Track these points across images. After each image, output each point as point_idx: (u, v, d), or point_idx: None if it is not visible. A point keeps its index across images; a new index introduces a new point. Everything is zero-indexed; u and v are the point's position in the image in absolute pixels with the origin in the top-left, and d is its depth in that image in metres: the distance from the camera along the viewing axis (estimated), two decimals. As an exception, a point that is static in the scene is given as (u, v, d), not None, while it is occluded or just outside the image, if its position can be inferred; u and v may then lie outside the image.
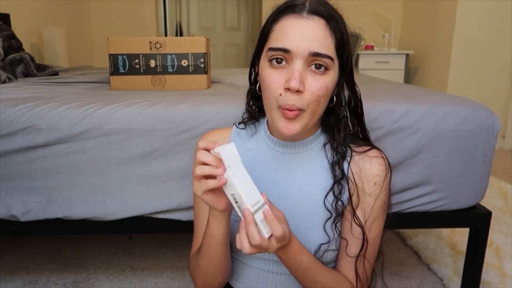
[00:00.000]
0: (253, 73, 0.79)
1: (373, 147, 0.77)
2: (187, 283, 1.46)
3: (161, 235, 1.80)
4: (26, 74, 1.79)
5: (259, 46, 0.72)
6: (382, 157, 0.75)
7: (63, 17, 3.52)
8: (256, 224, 0.59)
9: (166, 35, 4.55)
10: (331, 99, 0.72)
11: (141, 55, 1.39)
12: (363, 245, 0.73)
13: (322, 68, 0.65)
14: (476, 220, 1.20)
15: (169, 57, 1.39)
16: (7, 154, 1.07)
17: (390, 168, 0.76)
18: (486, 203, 1.27)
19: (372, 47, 3.95)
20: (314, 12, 0.64)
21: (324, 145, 0.77)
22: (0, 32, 1.91)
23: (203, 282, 0.77)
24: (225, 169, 0.59)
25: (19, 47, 2.01)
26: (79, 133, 1.07)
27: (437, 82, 3.65)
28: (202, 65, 1.42)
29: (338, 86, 0.71)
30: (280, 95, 0.65)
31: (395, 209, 1.17)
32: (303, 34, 0.63)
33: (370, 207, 0.74)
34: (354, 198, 0.74)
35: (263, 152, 0.79)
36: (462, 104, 1.16)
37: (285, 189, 0.76)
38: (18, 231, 1.20)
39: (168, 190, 1.11)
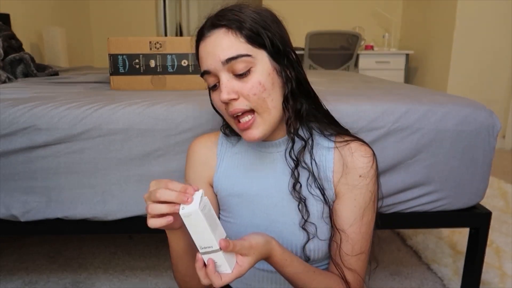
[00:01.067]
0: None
1: (356, 138, 0.76)
2: (187, 283, 1.46)
3: (161, 235, 1.80)
4: (26, 74, 1.79)
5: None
6: (365, 149, 0.74)
7: (63, 17, 3.52)
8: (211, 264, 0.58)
9: (166, 35, 4.55)
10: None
11: (141, 55, 1.39)
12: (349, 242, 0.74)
13: (243, 74, 0.66)
14: (476, 220, 1.20)
15: (169, 57, 1.39)
16: (7, 154, 1.07)
17: (375, 158, 0.75)
18: (486, 203, 1.27)
19: (372, 47, 3.95)
20: (212, 26, 0.67)
21: (285, 153, 0.76)
22: (0, 32, 1.91)
23: (183, 282, 0.77)
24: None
25: (19, 47, 2.02)
26: (79, 133, 1.07)
27: (437, 82, 3.65)
28: None
29: (282, 71, 0.69)
30: (225, 108, 0.69)
31: (395, 209, 1.17)
32: (210, 51, 0.66)
33: (359, 199, 0.73)
34: (341, 187, 0.74)
35: (249, 153, 0.80)
36: (462, 104, 1.16)
37: (272, 187, 0.77)
38: (18, 231, 1.20)
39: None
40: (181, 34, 4.84)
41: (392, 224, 1.28)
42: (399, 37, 4.28)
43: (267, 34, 0.66)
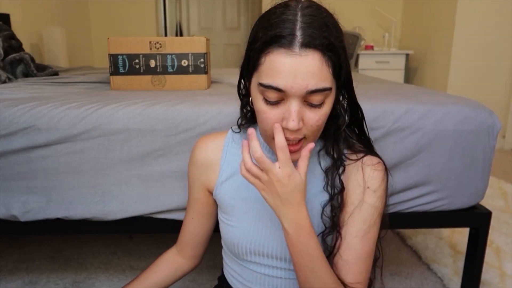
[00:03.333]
0: (242, 85, 0.77)
1: (369, 153, 0.74)
2: (187, 283, 1.46)
3: (161, 235, 1.80)
4: (26, 74, 1.79)
5: (247, 66, 0.67)
6: (377, 163, 0.73)
7: (63, 17, 3.52)
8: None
9: (166, 35, 4.55)
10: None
11: (141, 55, 1.39)
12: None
13: (321, 102, 0.62)
14: (476, 220, 1.20)
15: (169, 57, 1.39)
16: (7, 154, 1.07)
17: (387, 174, 0.74)
18: (486, 203, 1.27)
19: (372, 47, 3.95)
20: (307, 45, 0.58)
21: (319, 151, 0.76)
22: (0, 32, 1.91)
23: None
24: None
25: (19, 47, 2.02)
26: (79, 133, 1.07)
27: (437, 82, 3.65)
28: (202, 65, 1.42)
29: (337, 101, 0.68)
30: (284, 131, 0.63)
31: (395, 209, 1.17)
32: (297, 74, 0.58)
33: (365, 214, 0.72)
34: (348, 207, 0.73)
35: None
36: (462, 104, 1.16)
37: None
38: (18, 231, 1.20)
39: (168, 190, 1.11)
40: (181, 34, 4.84)
41: (392, 224, 1.28)
42: (399, 37, 4.28)
43: (344, 67, 0.64)
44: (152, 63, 1.39)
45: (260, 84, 0.62)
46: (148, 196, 1.12)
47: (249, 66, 0.66)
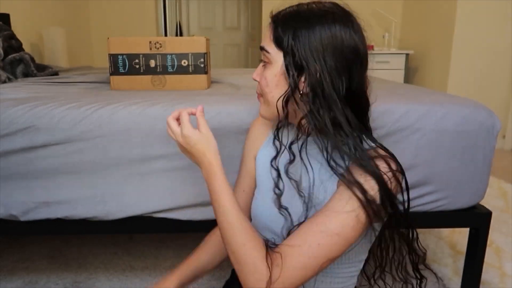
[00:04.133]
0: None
1: (378, 157, 0.71)
2: (187, 283, 1.46)
3: (161, 235, 1.80)
4: (26, 74, 1.79)
5: None
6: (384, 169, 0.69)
7: (63, 17, 3.52)
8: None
9: (166, 35, 4.55)
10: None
11: (141, 55, 1.39)
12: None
13: (264, 63, 0.74)
14: (476, 220, 1.20)
15: (169, 57, 1.39)
16: (7, 154, 1.07)
17: (392, 178, 0.69)
18: (486, 203, 1.27)
19: (372, 47, 3.95)
20: (271, 18, 0.74)
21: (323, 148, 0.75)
22: (0, 32, 1.91)
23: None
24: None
25: (19, 47, 2.01)
26: (79, 133, 1.07)
27: (437, 82, 3.65)
28: (202, 65, 1.42)
29: (291, 78, 0.70)
30: None
31: (395, 209, 1.17)
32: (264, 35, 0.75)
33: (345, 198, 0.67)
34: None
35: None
36: (462, 104, 1.16)
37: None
38: (18, 231, 1.20)
39: (168, 190, 1.11)
40: (181, 34, 4.84)
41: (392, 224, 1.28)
42: (399, 37, 4.27)
43: (290, 43, 0.69)
44: (152, 63, 1.39)
45: None
46: (148, 196, 1.12)
47: None
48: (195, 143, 0.75)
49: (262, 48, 0.74)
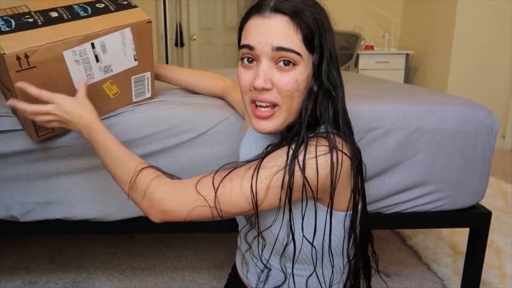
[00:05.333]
0: None
1: (319, 136, 0.66)
2: (187, 283, 1.46)
3: (161, 235, 1.80)
4: (26, 74, 1.79)
5: (238, 46, 0.72)
6: (324, 148, 0.64)
7: (63, 17, 3.51)
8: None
9: (166, 35, 4.55)
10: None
11: (32, 12, 0.93)
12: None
13: (290, 64, 0.65)
14: (476, 220, 1.20)
15: (75, 6, 0.97)
16: (7, 155, 1.07)
17: (331, 168, 0.63)
18: (486, 203, 1.27)
19: (372, 47, 3.95)
20: (276, 9, 0.64)
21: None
22: (0, 32, 1.91)
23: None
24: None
25: (19, 47, 2.01)
26: (79, 134, 1.07)
27: (437, 82, 3.65)
28: (125, 2, 1.01)
29: (314, 81, 0.68)
30: (251, 90, 0.67)
31: (395, 209, 1.17)
32: (265, 31, 0.64)
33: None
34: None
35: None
36: (461, 104, 1.16)
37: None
38: (18, 231, 1.20)
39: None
40: (181, 34, 4.84)
41: (392, 224, 1.28)
42: (399, 37, 4.28)
43: (320, 42, 0.66)
44: (54, 14, 0.93)
45: (239, 47, 0.69)
46: (148, 196, 1.12)
47: (238, 40, 0.71)
48: (71, 108, 0.78)
49: (286, 49, 0.63)
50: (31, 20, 0.89)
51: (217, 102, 1.15)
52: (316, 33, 0.65)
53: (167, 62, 4.57)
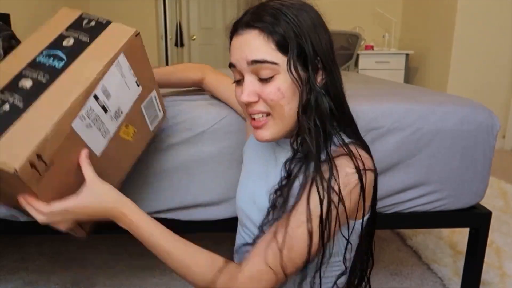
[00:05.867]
0: None
1: (345, 154, 0.67)
2: (187, 283, 1.46)
3: (161, 235, 1.80)
4: (26, 74, 1.79)
5: None
6: (352, 170, 0.66)
7: (63, 17, 3.51)
8: None
9: (166, 35, 4.55)
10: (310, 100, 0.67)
11: None
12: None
13: (268, 76, 0.66)
14: (476, 220, 1.20)
15: (42, 59, 0.72)
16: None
17: (361, 186, 0.66)
18: (486, 203, 1.27)
19: (372, 47, 3.95)
20: (247, 25, 0.66)
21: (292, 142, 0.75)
22: (0, 32, 1.91)
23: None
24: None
25: (19, 47, 2.01)
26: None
27: (437, 82, 3.65)
28: (98, 22, 0.86)
29: (306, 81, 0.66)
30: (246, 105, 0.69)
31: (395, 209, 1.17)
32: (240, 47, 0.67)
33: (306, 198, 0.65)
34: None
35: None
36: (462, 104, 1.16)
37: (262, 175, 0.80)
38: (18, 231, 1.20)
39: (168, 190, 1.11)
40: (181, 34, 4.84)
41: (392, 224, 1.28)
42: (399, 37, 4.28)
43: (298, 42, 0.65)
44: (27, 83, 0.68)
45: (229, 67, 0.71)
46: (148, 196, 1.12)
47: None
48: (90, 204, 0.66)
49: (260, 61, 0.64)
50: (6, 107, 0.63)
51: (215, 101, 1.15)
52: (292, 36, 0.64)
53: (167, 62, 4.57)
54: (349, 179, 0.65)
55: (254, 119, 0.69)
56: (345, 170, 0.65)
